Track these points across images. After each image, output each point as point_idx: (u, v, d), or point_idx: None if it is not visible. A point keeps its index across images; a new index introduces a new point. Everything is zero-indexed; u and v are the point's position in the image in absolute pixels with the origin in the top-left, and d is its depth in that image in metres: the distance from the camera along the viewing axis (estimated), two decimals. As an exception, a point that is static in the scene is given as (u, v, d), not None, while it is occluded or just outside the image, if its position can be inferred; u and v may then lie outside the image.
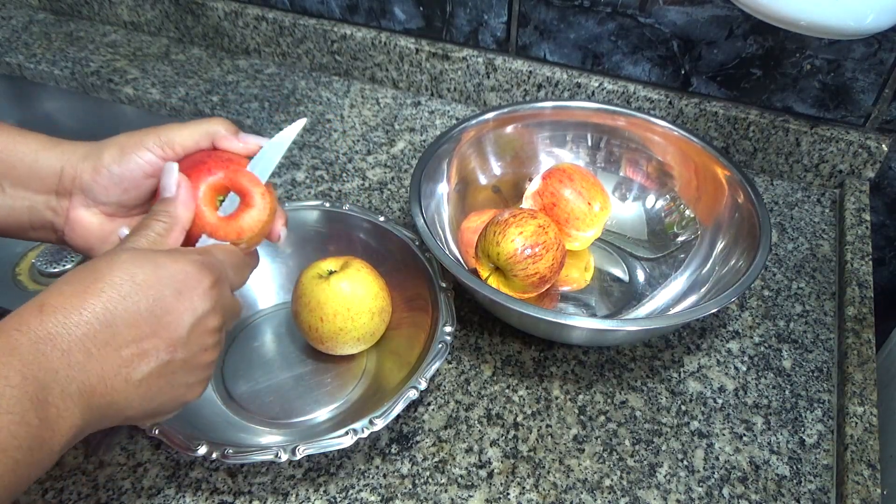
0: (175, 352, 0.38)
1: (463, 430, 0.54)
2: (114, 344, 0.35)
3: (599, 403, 0.56)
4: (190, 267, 0.39)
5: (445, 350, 0.52)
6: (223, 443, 0.47)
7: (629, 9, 0.73)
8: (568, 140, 0.71)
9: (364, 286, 0.55)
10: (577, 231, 0.63)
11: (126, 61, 0.92)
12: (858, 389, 0.56)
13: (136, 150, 0.44)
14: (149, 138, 0.45)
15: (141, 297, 0.36)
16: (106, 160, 0.44)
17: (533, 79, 0.80)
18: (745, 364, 0.60)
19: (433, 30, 0.83)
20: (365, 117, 0.84)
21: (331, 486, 0.51)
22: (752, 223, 0.59)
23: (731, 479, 0.52)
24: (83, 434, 0.35)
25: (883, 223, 0.78)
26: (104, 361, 0.35)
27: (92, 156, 0.44)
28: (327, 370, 0.58)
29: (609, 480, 0.52)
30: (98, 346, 0.35)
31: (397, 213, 0.71)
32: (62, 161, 0.44)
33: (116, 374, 0.35)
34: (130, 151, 0.44)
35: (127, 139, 0.45)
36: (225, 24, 0.91)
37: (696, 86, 0.76)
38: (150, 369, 0.37)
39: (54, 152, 0.44)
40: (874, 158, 0.72)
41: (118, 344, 0.35)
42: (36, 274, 0.77)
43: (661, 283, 0.64)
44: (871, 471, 0.51)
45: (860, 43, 0.67)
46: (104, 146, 0.45)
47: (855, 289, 0.64)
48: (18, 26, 0.98)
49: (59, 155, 0.44)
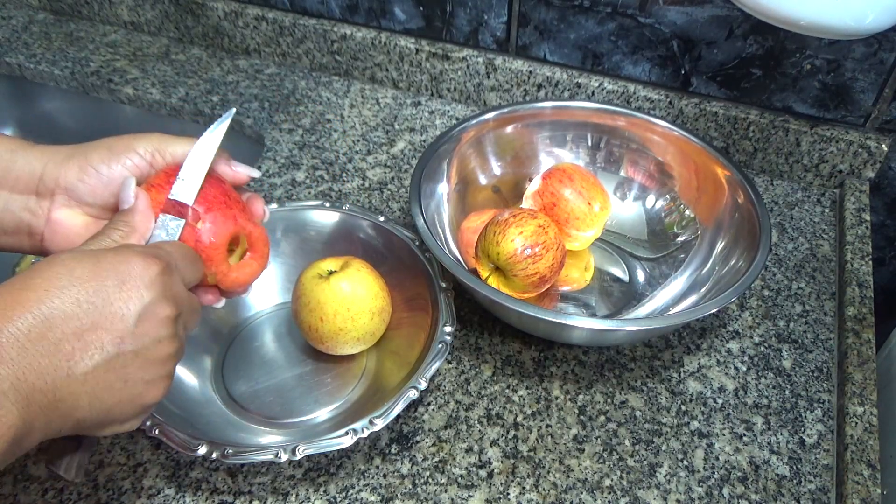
0: (122, 343, 0.36)
1: (463, 430, 0.54)
2: (50, 338, 0.34)
3: (599, 403, 0.56)
4: (133, 257, 0.37)
5: (445, 350, 0.52)
6: (223, 443, 0.47)
7: (629, 9, 0.73)
8: (568, 140, 0.71)
9: (364, 286, 0.55)
10: (577, 231, 0.63)
11: (126, 61, 0.92)
12: (858, 389, 0.56)
13: (126, 153, 0.43)
14: (140, 143, 0.44)
15: (80, 290, 0.35)
16: (94, 160, 0.43)
17: (533, 79, 0.80)
18: (745, 364, 0.60)
19: (433, 30, 0.83)
20: (365, 117, 0.84)
21: (331, 486, 0.51)
22: (752, 223, 0.59)
23: (731, 479, 0.52)
24: (30, 437, 0.34)
25: (883, 223, 0.78)
26: (41, 356, 0.33)
27: (77, 156, 0.43)
28: (327, 370, 0.58)
29: (609, 480, 0.52)
30: (32, 341, 0.33)
31: (397, 213, 0.71)
32: (42, 161, 0.43)
33: (57, 369, 0.34)
34: (120, 153, 0.43)
35: (116, 141, 0.44)
36: (225, 24, 0.91)
37: (696, 86, 0.76)
38: (96, 363, 0.35)
39: (33, 153, 0.43)
40: (874, 158, 0.73)
41: (56, 338, 0.34)
42: (36, 274, 0.77)
43: (661, 283, 0.64)
44: (871, 471, 0.51)
45: (860, 43, 0.67)
46: (91, 147, 0.44)
47: (855, 289, 0.64)
48: (18, 26, 0.98)
49: (39, 156, 0.43)
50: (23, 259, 0.79)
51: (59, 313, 0.34)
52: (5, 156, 0.43)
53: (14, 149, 0.43)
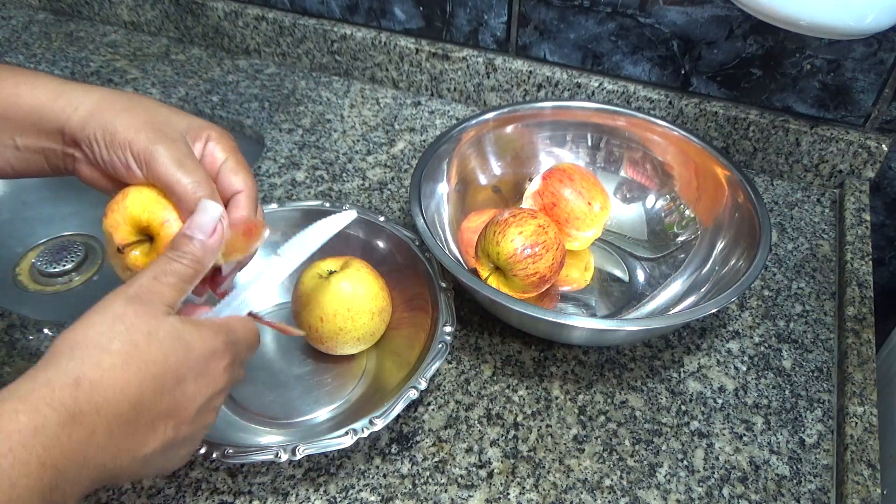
0: (180, 429, 0.37)
1: (463, 430, 0.54)
2: (135, 424, 0.35)
3: (599, 403, 0.56)
4: (216, 346, 0.38)
5: (445, 350, 0.52)
6: (223, 443, 0.47)
7: (629, 9, 0.73)
8: (568, 140, 0.71)
9: (364, 286, 0.55)
10: (577, 231, 0.63)
11: (126, 61, 0.92)
12: (858, 389, 0.56)
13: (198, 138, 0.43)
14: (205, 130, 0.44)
15: (168, 380, 0.36)
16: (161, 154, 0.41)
17: (533, 79, 0.80)
18: (745, 364, 0.60)
19: (433, 30, 0.83)
20: (365, 117, 0.84)
21: (331, 486, 0.51)
22: (752, 223, 0.59)
23: (731, 479, 0.52)
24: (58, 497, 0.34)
25: (883, 223, 0.78)
26: (122, 441, 0.34)
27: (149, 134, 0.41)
28: (327, 370, 0.58)
29: (609, 480, 0.52)
30: (121, 426, 0.34)
31: (397, 213, 0.71)
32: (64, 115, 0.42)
33: (129, 452, 0.35)
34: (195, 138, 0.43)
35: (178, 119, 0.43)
36: (225, 24, 0.91)
37: (696, 86, 0.76)
38: (156, 447, 0.36)
39: (58, 104, 0.42)
40: (874, 158, 0.72)
41: (138, 424, 0.35)
42: (36, 274, 0.77)
43: (661, 283, 0.64)
44: (871, 471, 0.51)
45: (860, 43, 0.67)
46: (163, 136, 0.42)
47: (855, 289, 0.64)
48: (18, 26, 0.98)
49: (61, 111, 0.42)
50: (23, 259, 0.79)
51: (147, 402, 0.35)
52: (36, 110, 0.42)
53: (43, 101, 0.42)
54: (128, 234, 0.43)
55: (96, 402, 0.33)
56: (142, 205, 0.42)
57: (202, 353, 0.37)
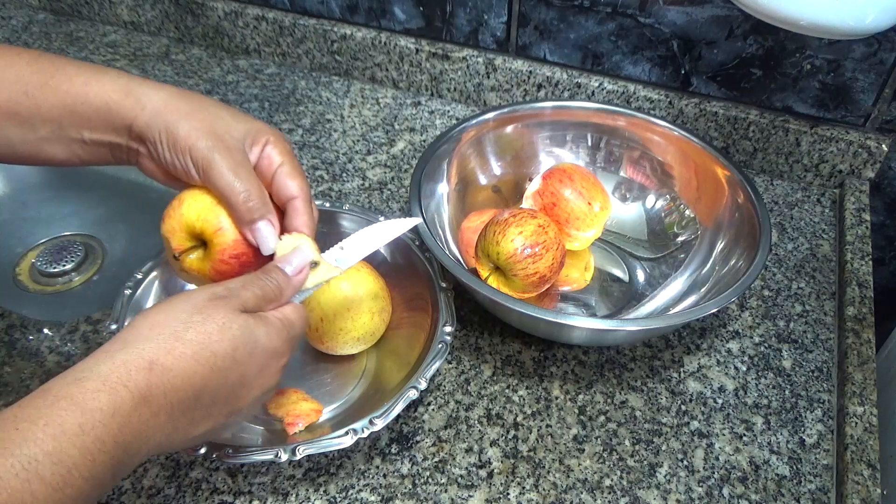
0: (230, 417, 0.40)
1: (463, 430, 0.54)
2: (194, 410, 0.37)
3: (599, 403, 0.56)
4: (279, 346, 0.41)
5: (445, 350, 0.52)
6: (223, 443, 0.47)
7: (629, 9, 0.73)
8: (568, 140, 0.71)
9: (364, 286, 0.55)
10: (577, 231, 0.63)
11: (126, 61, 0.92)
12: (858, 389, 0.56)
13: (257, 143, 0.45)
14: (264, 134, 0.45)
15: (232, 373, 0.38)
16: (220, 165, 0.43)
17: (533, 79, 0.80)
18: (745, 364, 0.60)
19: (433, 30, 0.83)
20: (365, 117, 0.84)
21: (331, 486, 0.51)
22: (752, 223, 0.59)
23: (731, 479, 0.52)
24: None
25: (883, 223, 0.78)
26: (179, 423, 0.37)
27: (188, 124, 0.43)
28: (327, 370, 0.58)
29: (609, 480, 0.52)
30: (182, 411, 0.36)
31: (397, 213, 0.71)
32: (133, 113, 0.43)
33: (182, 432, 0.37)
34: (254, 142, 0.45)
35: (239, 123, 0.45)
36: (225, 24, 0.91)
37: (696, 86, 0.76)
38: (206, 430, 0.39)
39: (127, 102, 0.43)
40: (874, 158, 0.72)
41: (196, 410, 0.37)
42: (36, 274, 0.77)
43: (661, 283, 0.64)
44: (871, 471, 0.51)
45: (860, 43, 0.67)
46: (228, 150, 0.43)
47: (855, 289, 0.64)
48: (18, 26, 0.98)
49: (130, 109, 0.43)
50: (23, 259, 0.79)
51: (209, 392, 0.37)
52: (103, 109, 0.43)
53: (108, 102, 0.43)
54: (183, 240, 0.45)
55: (165, 387, 0.35)
56: (196, 212, 0.44)
57: (266, 350, 0.40)
